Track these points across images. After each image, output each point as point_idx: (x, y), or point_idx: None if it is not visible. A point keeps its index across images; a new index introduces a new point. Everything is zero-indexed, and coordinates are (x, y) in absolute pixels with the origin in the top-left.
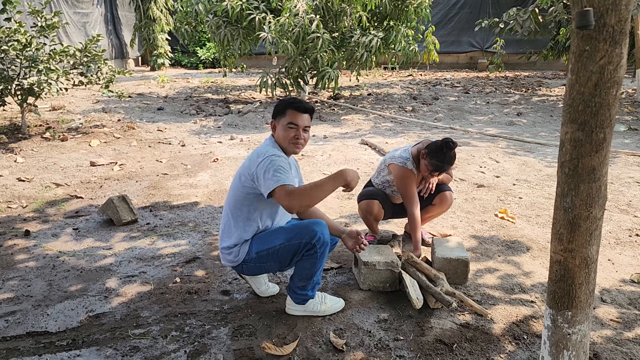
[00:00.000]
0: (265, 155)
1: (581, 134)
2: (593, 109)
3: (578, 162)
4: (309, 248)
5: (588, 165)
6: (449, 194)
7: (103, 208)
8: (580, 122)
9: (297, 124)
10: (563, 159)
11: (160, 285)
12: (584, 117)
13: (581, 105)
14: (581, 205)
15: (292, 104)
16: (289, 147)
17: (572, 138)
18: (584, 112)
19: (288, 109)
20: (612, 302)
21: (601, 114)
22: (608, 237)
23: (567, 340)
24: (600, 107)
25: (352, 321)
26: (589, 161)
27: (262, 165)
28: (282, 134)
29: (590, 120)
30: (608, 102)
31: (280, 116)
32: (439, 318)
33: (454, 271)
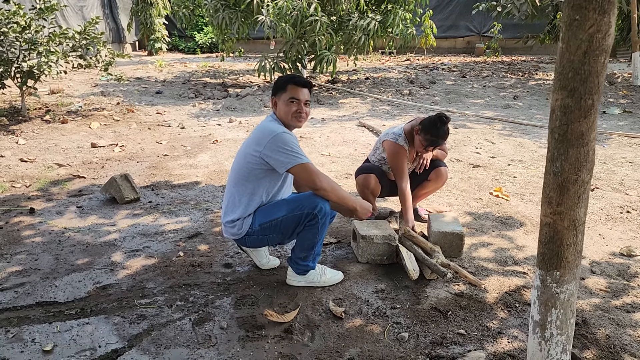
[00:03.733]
0: (275, 132)
1: (570, 100)
2: (582, 76)
3: (567, 128)
4: (311, 219)
5: (577, 130)
6: (444, 169)
7: (106, 187)
8: (570, 89)
9: (299, 98)
10: (553, 125)
11: (164, 258)
12: (574, 84)
13: (571, 72)
14: (570, 170)
15: (292, 79)
16: (292, 122)
17: (562, 105)
18: (573, 80)
19: (288, 84)
20: (601, 273)
21: (590, 81)
22: (600, 214)
23: (556, 299)
24: (589, 74)
25: (350, 291)
26: (577, 127)
27: (274, 141)
28: (284, 109)
29: (579, 87)
30: (597, 70)
31: (281, 92)
32: (434, 288)
33: (449, 244)
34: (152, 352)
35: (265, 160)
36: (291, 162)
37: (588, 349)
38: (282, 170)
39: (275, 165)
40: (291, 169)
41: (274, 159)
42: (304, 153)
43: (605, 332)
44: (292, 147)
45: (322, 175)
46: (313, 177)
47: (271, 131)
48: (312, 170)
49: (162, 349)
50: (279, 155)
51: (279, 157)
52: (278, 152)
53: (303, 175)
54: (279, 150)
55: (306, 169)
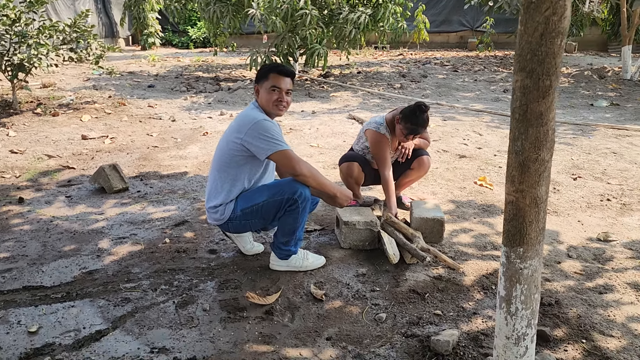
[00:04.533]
0: (256, 120)
1: (529, 81)
2: (540, 57)
3: (527, 108)
4: (291, 204)
5: (536, 110)
6: (426, 158)
7: (94, 176)
8: (529, 70)
9: (280, 87)
10: (514, 105)
11: (151, 245)
12: (532, 65)
13: (529, 54)
14: (530, 148)
15: (275, 68)
16: (273, 110)
17: (522, 85)
18: (531, 61)
19: (271, 73)
20: (577, 257)
21: (547, 62)
22: (580, 202)
23: (520, 275)
24: (546, 55)
25: (332, 275)
26: (536, 107)
27: (255, 128)
28: (265, 97)
29: (537, 68)
30: (553, 51)
31: (264, 80)
32: (413, 272)
33: (430, 230)
34: (135, 332)
35: (246, 147)
36: (271, 149)
37: (559, 328)
38: (263, 157)
39: (256, 152)
40: (271, 155)
41: (255, 146)
42: (284, 140)
43: (576, 312)
44: (272, 134)
45: (302, 162)
46: (293, 163)
47: (252, 118)
48: (292, 157)
49: (145, 330)
50: (260, 142)
51: (260, 144)
52: (259, 139)
53: (283, 162)
54: (260, 137)
55: (286, 155)
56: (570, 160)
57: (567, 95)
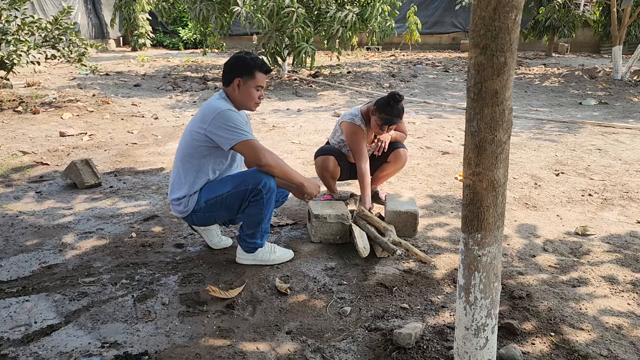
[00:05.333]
0: (220, 109)
1: (483, 58)
2: (493, 32)
3: (481, 86)
4: (255, 194)
5: (491, 88)
6: (403, 150)
7: (66, 172)
8: (482, 46)
9: (263, 85)
10: (469, 84)
11: (116, 240)
12: (485, 41)
13: (482, 29)
14: (486, 129)
15: (261, 67)
16: (252, 107)
17: (476, 62)
18: (485, 36)
19: (256, 71)
20: (553, 251)
21: (501, 37)
22: (561, 197)
23: (478, 262)
24: (499, 30)
25: (299, 269)
26: (491, 85)
27: (218, 119)
28: (247, 93)
29: (491, 44)
30: (507, 26)
31: (248, 77)
32: (383, 265)
33: (404, 224)
34: (88, 327)
35: (210, 138)
36: (235, 139)
37: (528, 321)
38: (227, 147)
39: (220, 142)
40: (235, 145)
41: (218, 136)
42: (249, 130)
43: (547, 305)
44: (236, 124)
45: (266, 152)
46: (257, 153)
47: (216, 108)
48: (257, 147)
49: (98, 324)
50: (223, 132)
51: (223, 134)
52: (222, 129)
53: (248, 152)
54: (223, 127)
55: (250, 145)
56: (554, 157)
57: (557, 94)
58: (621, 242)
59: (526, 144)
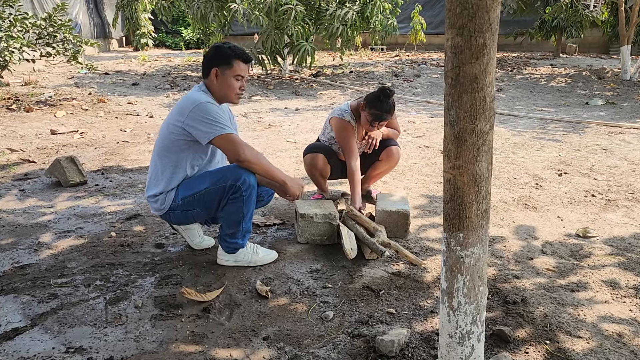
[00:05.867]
0: (199, 101)
1: (460, 39)
2: (470, 11)
3: (459, 71)
4: (234, 191)
5: (470, 73)
6: (395, 148)
7: (50, 169)
8: (459, 26)
9: (243, 75)
10: (446, 68)
11: (94, 239)
12: (462, 21)
13: (459, 7)
14: (466, 118)
15: (240, 55)
16: (233, 99)
17: (453, 44)
18: (461, 15)
19: (234, 60)
20: (552, 253)
21: (479, 16)
22: (562, 197)
23: (461, 264)
24: (477, 9)
25: (283, 271)
26: (470, 69)
27: (196, 111)
28: (227, 84)
29: (468, 24)
30: (486, 4)
31: (226, 67)
32: (371, 267)
33: (395, 224)
34: (54, 330)
35: (188, 131)
36: (213, 133)
37: (522, 328)
38: (205, 141)
39: (198, 136)
40: (213, 139)
41: (196, 129)
42: (228, 124)
43: (543, 311)
44: (215, 117)
45: (247, 147)
46: (237, 148)
47: (194, 100)
48: (236, 141)
49: (65, 328)
50: (201, 126)
51: (201, 127)
52: (200, 122)
53: (227, 147)
54: (201, 120)
55: (229, 139)
56: (558, 157)
57: (563, 94)
58: (624, 244)
59: (529, 144)
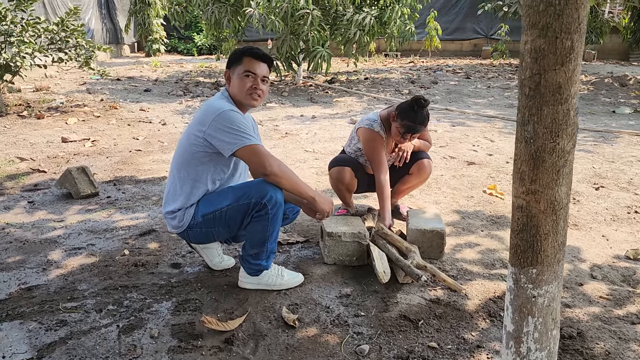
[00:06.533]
0: (221, 109)
1: (543, 41)
2: (557, 7)
3: (540, 79)
4: (259, 209)
5: (553, 82)
6: (427, 161)
7: (61, 180)
8: (542, 26)
9: (255, 72)
10: (523, 76)
11: (107, 257)
12: (546, 20)
13: (542, 4)
14: (545, 134)
15: (249, 50)
16: (246, 100)
17: (533, 48)
18: (545, 13)
19: (244, 57)
20: (603, 278)
21: (567, 14)
22: (604, 214)
23: (532, 305)
24: (565, 5)
25: (310, 296)
26: (553, 77)
27: (219, 120)
28: (237, 84)
29: (553, 23)
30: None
31: (236, 64)
32: (407, 293)
33: (429, 244)
34: None
35: (209, 142)
36: (237, 144)
37: None
38: (228, 153)
39: (220, 147)
40: (237, 151)
41: (219, 140)
42: (254, 134)
43: (604, 347)
44: (239, 126)
45: (273, 159)
46: (263, 160)
47: (217, 109)
48: (262, 153)
49: None
50: (224, 136)
51: (224, 138)
52: (223, 132)
53: (251, 159)
54: (224, 130)
55: (255, 151)
56: (592, 169)
57: (587, 102)
58: None
59: None
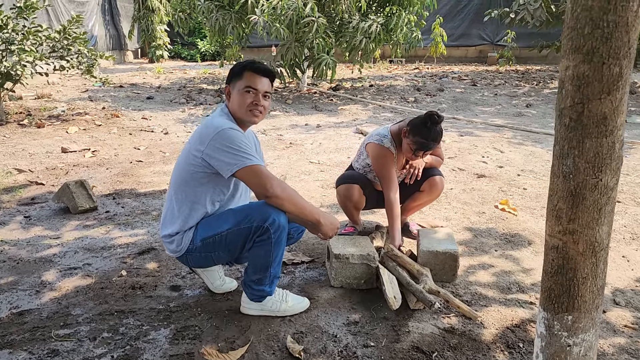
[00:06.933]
0: (220, 128)
1: (587, 67)
2: (605, 30)
3: (583, 109)
4: (261, 233)
5: (597, 112)
6: (439, 178)
7: (58, 194)
8: (587, 50)
9: (256, 88)
10: (563, 104)
11: (103, 279)
12: (592, 44)
13: (588, 26)
14: (587, 169)
15: (250, 65)
16: (246, 116)
17: (575, 74)
18: (591, 37)
19: (245, 71)
20: (626, 304)
21: (616, 38)
22: (623, 232)
23: (567, 354)
24: (615, 27)
25: (316, 323)
26: (598, 106)
27: (218, 139)
28: (238, 99)
29: (600, 48)
30: (626, 22)
31: (237, 79)
32: (419, 321)
33: (441, 266)
34: None
35: (208, 162)
36: (237, 164)
37: None
38: (227, 174)
39: (219, 167)
40: (237, 172)
41: (217, 160)
42: (254, 154)
43: None
44: (239, 145)
45: (275, 180)
46: (265, 181)
47: (215, 127)
48: (264, 174)
49: None
50: (223, 156)
51: (223, 158)
52: (222, 151)
53: (253, 180)
54: (223, 149)
55: (256, 171)
56: None
57: None
58: None
59: None
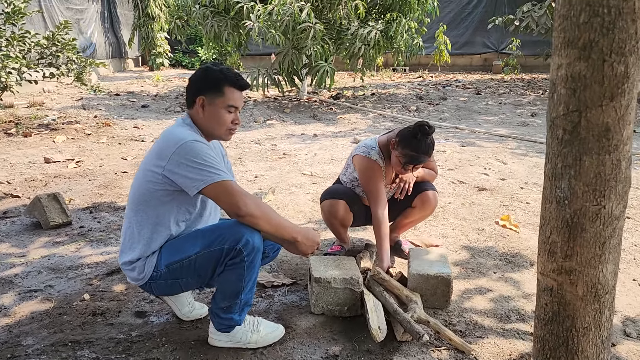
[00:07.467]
0: (184, 140)
1: (584, 66)
2: (605, 19)
3: (580, 118)
4: (234, 255)
5: (598, 122)
6: (432, 193)
7: (29, 208)
8: (583, 44)
9: (237, 105)
10: (554, 113)
11: (63, 303)
12: (590, 35)
13: (584, 13)
14: (586, 194)
15: (232, 80)
16: (224, 135)
17: (570, 75)
18: (589, 27)
19: (226, 86)
20: (638, 336)
21: (620, 28)
22: (633, 252)
23: None
24: (618, 15)
25: (291, 357)
26: (599, 115)
27: (180, 153)
28: (217, 117)
29: (600, 41)
30: (633, 7)
31: (215, 94)
32: (405, 355)
33: (433, 292)
34: None
35: (170, 179)
36: (204, 180)
37: None
38: (193, 192)
39: (184, 184)
40: (204, 189)
41: (181, 177)
42: (222, 167)
43: None
44: (205, 159)
45: (248, 197)
46: (236, 199)
47: (178, 139)
48: (235, 190)
49: None
50: (188, 171)
51: (188, 174)
52: (186, 167)
53: (222, 198)
54: (188, 164)
55: (226, 188)
56: None
57: None
58: None
59: None
